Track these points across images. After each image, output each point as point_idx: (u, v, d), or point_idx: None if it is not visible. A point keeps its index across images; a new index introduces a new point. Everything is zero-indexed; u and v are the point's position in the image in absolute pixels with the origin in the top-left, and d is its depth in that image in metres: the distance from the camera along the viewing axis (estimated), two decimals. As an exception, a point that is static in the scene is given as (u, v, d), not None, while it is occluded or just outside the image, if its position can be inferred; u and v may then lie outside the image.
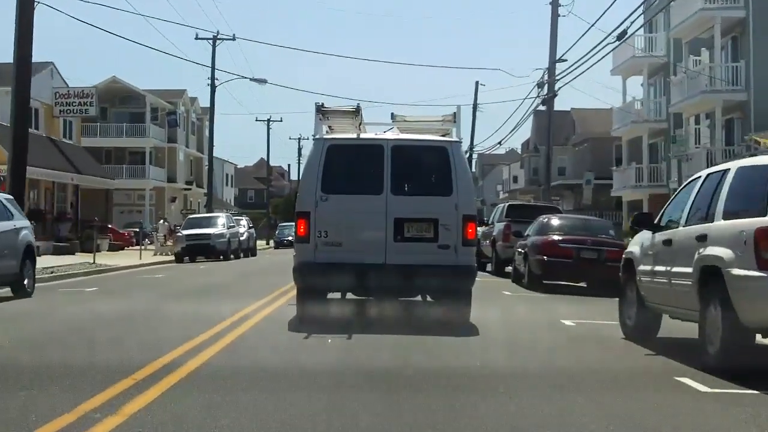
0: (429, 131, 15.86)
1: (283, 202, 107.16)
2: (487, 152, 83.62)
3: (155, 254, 47.80)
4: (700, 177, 11.81)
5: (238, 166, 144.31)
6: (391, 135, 14.74)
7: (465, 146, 77.83)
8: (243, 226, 50.89)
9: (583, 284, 24.99)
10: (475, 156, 75.79)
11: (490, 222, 34.97)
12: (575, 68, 33.74)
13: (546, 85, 40.74)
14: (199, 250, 43.12)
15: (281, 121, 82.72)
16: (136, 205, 79.86)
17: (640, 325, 12.98)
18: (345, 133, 15.08)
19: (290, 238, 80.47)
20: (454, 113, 15.64)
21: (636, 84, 61.26)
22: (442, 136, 15.42)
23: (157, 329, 13.93)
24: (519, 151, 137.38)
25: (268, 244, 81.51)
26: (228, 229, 44.86)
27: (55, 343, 12.42)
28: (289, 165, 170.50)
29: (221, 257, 43.46)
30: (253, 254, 52.18)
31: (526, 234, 26.58)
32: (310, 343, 12.04)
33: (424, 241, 13.53)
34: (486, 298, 20.73)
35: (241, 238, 48.51)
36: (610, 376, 10.49)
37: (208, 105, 61.13)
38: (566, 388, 9.30)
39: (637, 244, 13.16)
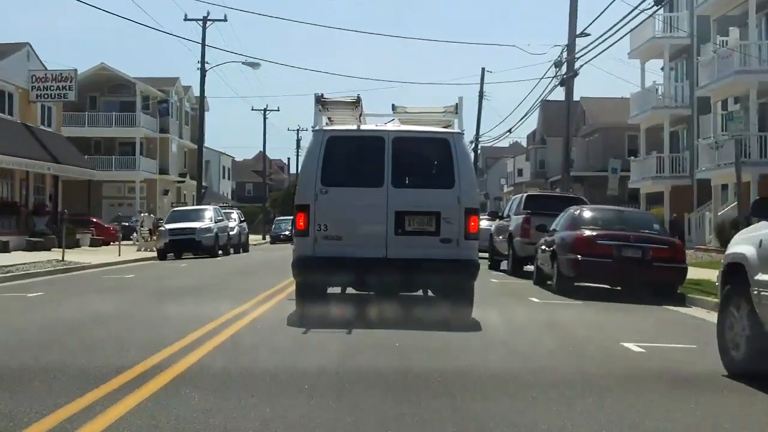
0: (430, 122, 15.49)
1: (281, 195, 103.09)
2: (493, 144, 79.29)
3: (139, 250, 43.85)
4: None
5: (237, 160, 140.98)
6: (392, 126, 14.33)
7: (470, 137, 74.06)
8: (234, 219, 46.90)
9: (611, 287, 21.22)
10: (480, 147, 71.50)
11: (505, 215, 30.95)
12: (600, 42, 29.57)
13: (565, 63, 36.63)
14: (184, 245, 39.15)
15: (278, 110, 78.73)
16: (127, 198, 75.96)
17: (755, 357, 9.02)
18: (345, 124, 14.75)
19: (287, 232, 76.78)
20: (456, 104, 15.23)
21: (655, 68, 57.29)
22: (444, 127, 15.05)
23: (84, 352, 10.32)
24: (523, 143, 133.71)
25: (264, 239, 77.48)
26: (216, 222, 40.86)
27: None
28: (288, 158, 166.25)
29: (208, 254, 39.53)
30: (245, 250, 48.23)
31: (552, 228, 22.62)
32: (310, 340, 11.50)
33: (425, 234, 13.10)
34: (512, 307, 16.89)
35: (231, 233, 44.52)
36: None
37: (198, 92, 57.41)
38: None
39: (748, 243, 9.17)
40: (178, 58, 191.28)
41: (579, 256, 19.46)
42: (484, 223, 43.53)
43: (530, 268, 26.87)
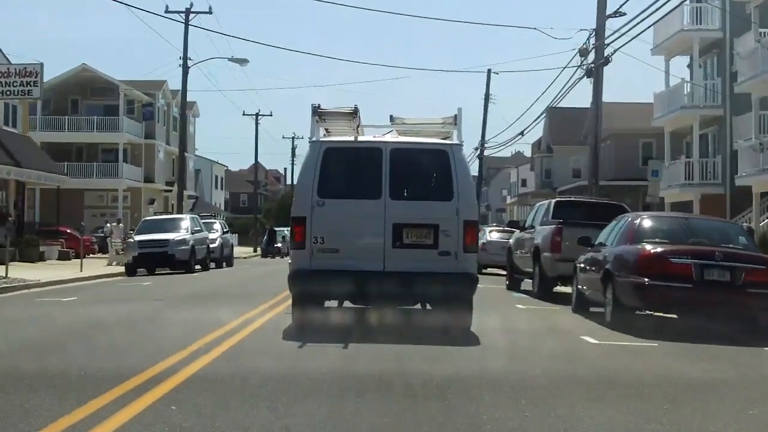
0: (429, 134, 15.32)
1: (276, 206, 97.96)
2: (499, 151, 74.11)
3: (109, 264, 38.61)
4: None
5: (233, 170, 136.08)
6: (390, 137, 13.92)
7: (475, 142, 69.03)
8: (215, 230, 41.76)
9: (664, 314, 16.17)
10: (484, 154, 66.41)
11: (527, 225, 25.83)
12: (635, 25, 24.50)
13: (592, 50, 31.47)
14: (155, 259, 33.92)
15: (271, 115, 73.28)
16: (110, 208, 70.75)
17: None
18: (343, 135, 14.60)
19: (279, 245, 71.61)
20: (455, 115, 14.96)
21: (680, 65, 52.10)
22: (443, 138, 14.81)
23: None
24: (524, 153, 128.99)
25: (255, 251, 72.25)
26: (192, 234, 35.65)
27: None
28: (285, 168, 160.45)
29: (184, 269, 34.34)
30: (229, 264, 43.04)
31: (598, 242, 17.53)
32: (306, 353, 10.98)
33: (423, 247, 12.78)
34: (561, 353, 11.72)
35: (213, 245, 39.38)
36: None
37: (190, 97, 53.05)
38: None
39: None
40: (167, 60, 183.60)
41: (646, 279, 14.25)
42: (497, 236, 38.91)
43: (563, 289, 21.93)
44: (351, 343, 11.73)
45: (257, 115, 76.69)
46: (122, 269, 34.48)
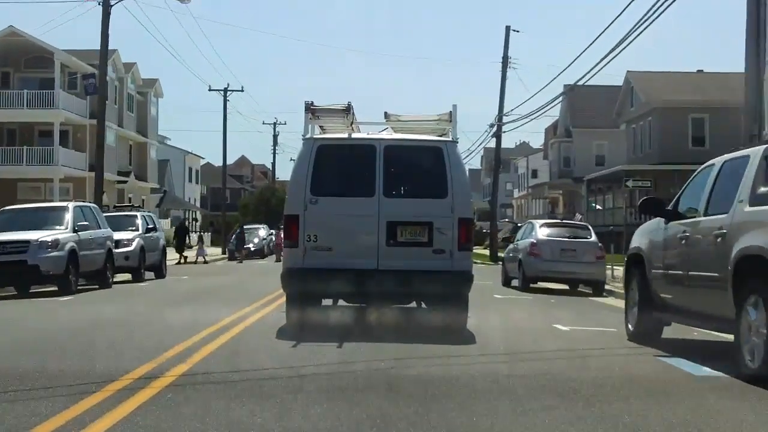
0: (424, 131, 14.66)
1: (254, 200, 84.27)
2: (521, 125, 60.23)
3: None
4: None
5: (214, 164, 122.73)
6: (384, 135, 13.65)
7: (492, 118, 55.57)
8: (133, 228, 28.16)
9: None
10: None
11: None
12: None
13: None
14: (8, 273, 20.43)
15: (242, 90, 60.21)
16: (48, 202, 56.95)
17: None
18: (337, 133, 14.11)
19: (253, 247, 58.07)
20: (450, 112, 14.07)
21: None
22: (439, 136, 14.25)
23: None
24: (529, 143, 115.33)
25: (224, 253, 57.98)
26: (74, 232, 22.01)
27: None
28: (273, 163, 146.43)
29: (58, 286, 20.85)
30: (159, 274, 29.55)
31: None
32: (300, 353, 10.67)
33: (418, 245, 12.50)
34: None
35: (121, 250, 25.87)
36: None
37: (153, 73, 39.83)
38: None
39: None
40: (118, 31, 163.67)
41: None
42: (552, 233, 25.38)
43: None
44: (345, 342, 11.34)
45: (226, 90, 62.84)
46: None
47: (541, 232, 23.70)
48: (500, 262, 48.22)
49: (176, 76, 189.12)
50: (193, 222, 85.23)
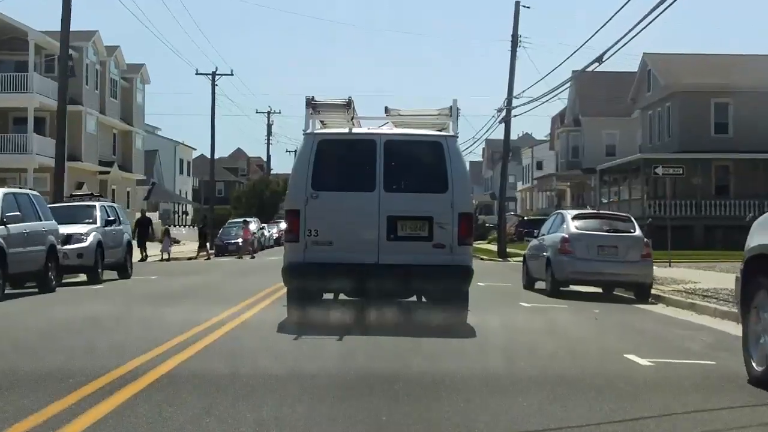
0: (424, 125, 14.56)
1: (246, 193, 79.86)
2: (532, 109, 55.72)
3: None
4: None
5: (207, 156, 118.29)
6: (384, 129, 13.48)
7: (500, 103, 51.26)
8: (89, 220, 23.79)
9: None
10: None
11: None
12: None
13: None
14: None
15: (231, 74, 55.79)
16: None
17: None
18: (338, 127, 14.14)
19: (239, 240, 53.69)
20: (450, 107, 14.16)
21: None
22: (439, 130, 14.04)
23: None
24: (533, 135, 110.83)
25: (211, 249, 53.42)
26: (2, 224, 17.67)
27: None
28: (269, 156, 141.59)
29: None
30: (124, 274, 25.30)
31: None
32: (301, 346, 10.65)
33: (418, 239, 12.34)
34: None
35: (72, 246, 21.65)
36: None
37: (137, 60, 35.38)
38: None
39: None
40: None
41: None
42: (587, 225, 20.86)
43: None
44: (346, 335, 11.28)
45: (214, 74, 58.28)
46: None
47: (574, 224, 19.29)
48: (508, 259, 44.40)
49: (170, 67, 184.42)
50: (183, 215, 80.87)
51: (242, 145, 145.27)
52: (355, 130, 13.49)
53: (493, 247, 55.48)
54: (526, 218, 65.99)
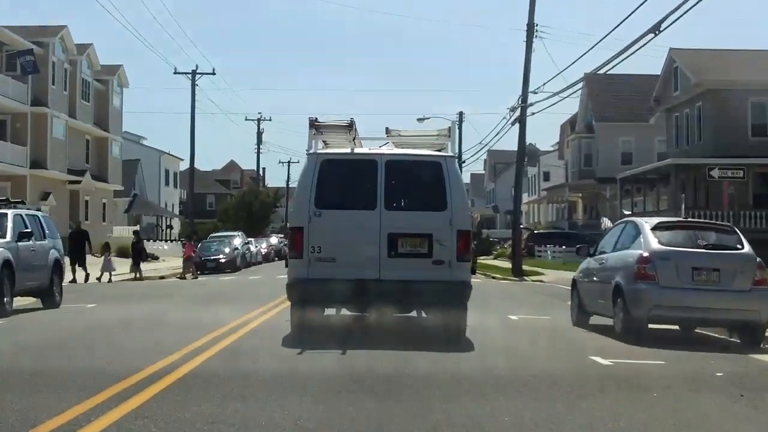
0: (424, 146, 15.03)
1: (233, 206, 73.79)
2: (551, 105, 49.55)
3: None
4: None
5: (201, 170, 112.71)
6: (385, 149, 13.72)
7: (515, 100, 45.53)
8: (-4, 231, 17.82)
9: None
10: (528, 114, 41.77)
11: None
12: None
13: None
14: None
15: (213, 73, 50.54)
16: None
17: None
18: (340, 147, 14.37)
19: (223, 258, 47.54)
20: (449, 128, 15.02)
21: None
22: (437, 150, 14.52)
23: None
24: (536, 145, 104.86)
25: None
26: None
27: None
28: (263, 168, 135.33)
29: None
30: (50, 303, 19.56)
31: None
32: (305, 360, 10.72)
33: (418, 256, 12.54)
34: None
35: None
36: None
37: (112, 61, 29.74)
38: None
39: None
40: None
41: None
42: (674, 239, 14.54)
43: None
44: (349, 349, 11.45)
45: (194, 72, 52.24)
46: None
47: (656, 237, 13.37)
48: (525, 278, 38.16)
49: (160, 77, 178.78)
50: (168, 230, 74.85)
51: (236, 157, 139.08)
52: (356, 150, 13.68)
53: (503, 264, 49.55)
54: (536, 231, 60.15)
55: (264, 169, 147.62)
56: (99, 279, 32.16)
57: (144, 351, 11.21)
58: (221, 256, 43.82)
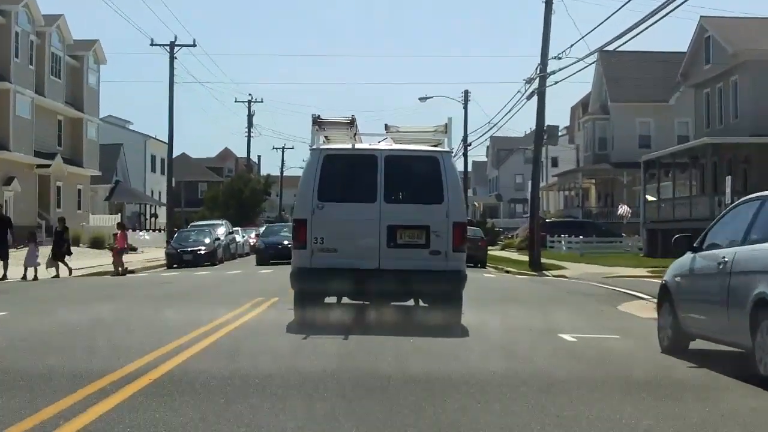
0: (421, 141, 15.62)
1: (220, 193, 68.61)
2: (572, 74, 44.18)
3: None
4: None
5: (194, 156, 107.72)
6: (384, 145, 14.03)
7: (532, 71, 40.52)
8: None
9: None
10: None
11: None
12: None
13: None
14: None
15: (194, 45, 45.84)
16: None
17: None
18: (341, 143, 14.79)
19: (203, 250, 42.26)
20: (446, 124, 15.61)
21: None
22: (434, 146, 15.10)
23: None
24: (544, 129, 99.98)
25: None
26: None
27: None
28: (259, 156, 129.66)
29: None
30: None
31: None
32: (308, 344, 11.00)
33: (416, 247, 12.98)
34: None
35: None
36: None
37: (87, 36, 24.71)
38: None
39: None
40: None
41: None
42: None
43: None
44: (351, 335, 11.78)
45: (172, 44, 46.95)
46: None
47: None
48: (544, 272, 32.29)
49: (149, 64, 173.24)
50: (153, 218, 69.78)
51: (231, 145, 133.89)
52: (357, 145, 14.06)
53: (514, 256, 44.52)
54: (548, 220, 55.12)
55: (259, 156, 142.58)
56: (24, 277, 26.57)
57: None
58: (201, 247, 38.74)
